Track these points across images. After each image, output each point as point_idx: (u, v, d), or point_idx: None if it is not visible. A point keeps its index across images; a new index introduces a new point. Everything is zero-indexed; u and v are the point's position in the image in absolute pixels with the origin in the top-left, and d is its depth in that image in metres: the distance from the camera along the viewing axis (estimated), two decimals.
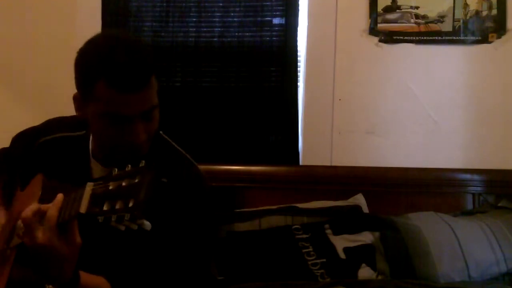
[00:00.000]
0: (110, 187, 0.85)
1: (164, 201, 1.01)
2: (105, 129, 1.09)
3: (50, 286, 0.98)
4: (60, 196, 0.95)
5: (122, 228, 0.83)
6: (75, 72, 1.10)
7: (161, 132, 1.27)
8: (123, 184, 0.84)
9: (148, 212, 0.81)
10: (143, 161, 0.84)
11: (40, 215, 0.93)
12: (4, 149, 1.36)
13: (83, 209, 0.88)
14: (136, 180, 0.82)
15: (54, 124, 1.32)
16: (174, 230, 1.11)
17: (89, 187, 0.89)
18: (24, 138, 1.34)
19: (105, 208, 0.84)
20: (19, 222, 0.96)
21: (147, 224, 0.83)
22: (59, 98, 1.16)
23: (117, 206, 0.82)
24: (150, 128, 1.11)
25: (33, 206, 0.94)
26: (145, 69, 1.05)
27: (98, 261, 1.09)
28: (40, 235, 0.91)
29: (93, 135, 1.20)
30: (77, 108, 1.13)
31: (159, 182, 0.85)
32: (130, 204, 0.81)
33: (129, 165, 0.86)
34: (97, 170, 1.20)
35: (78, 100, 1.12)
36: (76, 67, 1.09)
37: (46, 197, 0.99)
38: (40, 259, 0.93)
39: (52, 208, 0.93)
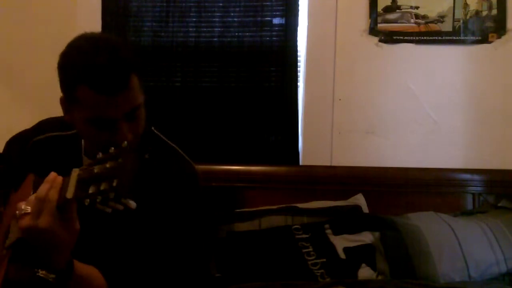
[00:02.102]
0: (95, 171, 0.86)
1: (148, 179, 1.02)
2: (91, 132, 1.10)
3: (44, 271, 0.97)
4: (59, 178, 0.95)
5: (109, 210, 0.84)
6: (58, 76, 1.10)
7: (153, 128, 1.27)
8: (107, 165, 0.84)
9: (133, 190, 0.82)
10: (125, 142, 0.85)
11: (43, 199, 0.93)
12: None
13: (69, 194, 0.89)
14: (120, 160, 0.83)
15: (46, 124, 1.33)
16: (167, 226, 1.11)
17: (75, 172, 0.90)
18: (17, 141, 1.34)
19: (90, 191, 0.85)
20: (23, 206, 0.95)
21: (132, 203, 0.84)
22: (58, 98, 1.16)
23: (102, 187, 0.83)
24: (135, 127, 1.11)
25: (38, 191, 0.94)
26: (124, 71, 1.05)
27: (91, 254, 1.09)
28: (41, 219, 0.91)
29: (82, 137, 1.21)
30: (64, 111, 1.14)
31: (142, 159, 0.85)
32: (114, 184, 0.82)
33: (112, 148, 0.86)
34: None
35: (63, 103, 1.13)
36: (58, 70, 1.10)
37: None
38: (38, 243, 0.93)
39: (52, 190, 0.93)
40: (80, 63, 1.04)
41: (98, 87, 1.02)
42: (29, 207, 0.94)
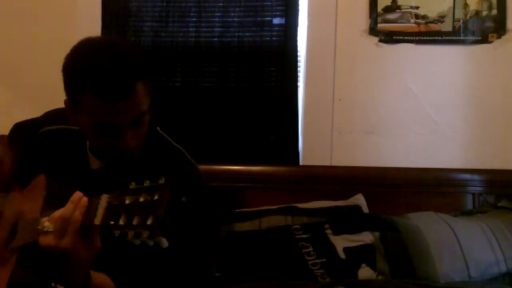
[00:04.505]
0: (127, 201, 0.85)
1: (181, 219, 1.01)
2: (95, 137, 1.10)
3: (60, 286, 0.97)
4: (84, 200, 0.94)
5: (138, 242, 0.83)
6: (63, 79, 1.10)
7: (158, 128, 1.27)
8: (141, 199, 0.83)
9: (166, 230, 0.81)
10: (163, 178, 0.84)
11: (67, 220, 0.92)
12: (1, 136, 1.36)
13: (97, 220, 0.88)
14: (156, 197, 0.82)
15: (55, 115, 1.32)
16: (171, 228, 1.11)
17: (105, 198, 0.89)
18: (24, 129, 1.34)
19: (121, 222, 0.84)
20: (46, 223, 0.94)
21: (165, 242, 0.82)
22: (59, 98, 1.16)
23: (134, 222, 0.82)
24: (140, 133, 1.11)
25: (63, 210, 0.93)
26: (130, 78, 1.04)
27: (99, 257, 1.09)
28: (65, 239, 0.91)
29: (86, 139, 1.20)
30: (68, 113, 1.14)
31: (178, 202, 0.84)
32: (149, 222, 0.80)
33: (148, 181, 0.85)
34: (95, 164, 1.21)
35: (68, 106, 1.13)
36: (63, 74, 1.09)
37: (52, 198, 0.99)
38: (58, 261, 0.92)
39: (77, 212, 0.92)
40: (86, 69, 1.03)
41: (103, 94, 1.02)
42: (52, 226, 0.93)
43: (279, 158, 2.27)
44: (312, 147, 2.28)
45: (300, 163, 2.27)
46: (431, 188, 2.19)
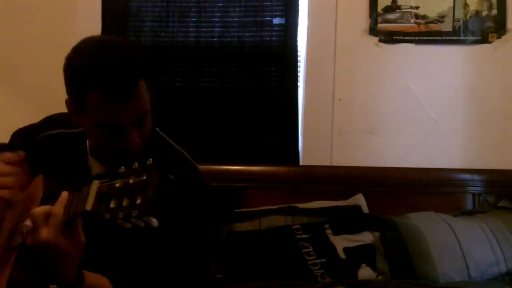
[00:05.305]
0: (117, 185, 0.85)
1: (170, 198, 1.01)
2: (99, 137, 1.10)
3: (54, 286, 0.97)
4: (64, 194, 0.94)
5: (129, 225, 0.84)
6: (64, 79, 1.09)
7: (157, 129, 1.27)
8: (130, 181, 0.84)
9: (155, 209, 0.82)
10: (150, 159, 0.85)
11: (47, 214, 0.93)
12: (2, 144, 1.36)
13: (89, 206, 0.88)
14: (144, 178, 0.82)
15: (54, 120, 1.33)
16: (175, 228, 1.11)
17: (95, 184, 0.89)
18: (23, 135, 1.34)
19: (111, 205, 0.84)
20: (26, 221, 0.95)
21: (154, 221, 0.83)
22: (59, 98, 1.16)
23: (124, 203, 0.83)
24: (143, 132, 1.11)
25: (44, 207, 0.94)
26: (135, 77, 1.04)
27: (99, 259, 1.09)
28: (46, 233, 0.91)
29: (88, 140, 1.20)
30: (70, 114, 1.13)
31: (166, 179, 0.85)
32: (138, 201, 0.81)
33: (136, 163, 0.86)
34: (95, 167, 1.20)
35: (70, 106, 1.12)
36: (65, 74, 1.09)
37: (49, 198, 0.99)
38: (45, 258, 0.93)
39: (57, 206, 0.93)
40: (90, 69, 1.03)
41: (109, 94, 1.02)
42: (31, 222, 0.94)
43: (279, 158, 2.27)
44: (312, 147, 2.28)
45: (300, 163, 2.27)
46: (431, 188, 2.19)
